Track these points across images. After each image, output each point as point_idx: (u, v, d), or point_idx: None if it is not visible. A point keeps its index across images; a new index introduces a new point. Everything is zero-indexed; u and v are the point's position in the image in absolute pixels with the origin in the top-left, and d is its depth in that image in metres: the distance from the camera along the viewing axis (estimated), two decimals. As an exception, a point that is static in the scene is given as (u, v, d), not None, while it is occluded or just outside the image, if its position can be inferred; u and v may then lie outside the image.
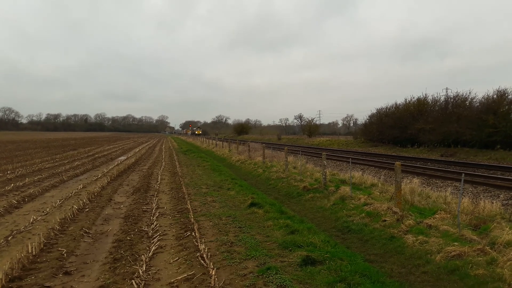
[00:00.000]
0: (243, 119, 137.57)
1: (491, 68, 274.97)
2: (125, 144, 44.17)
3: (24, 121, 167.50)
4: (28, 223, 6.74)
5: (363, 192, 9.13)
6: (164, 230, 6.33)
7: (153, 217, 7.25)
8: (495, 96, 24.85)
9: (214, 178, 13.31)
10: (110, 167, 16.63)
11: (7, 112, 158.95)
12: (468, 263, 4.56)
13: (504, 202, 8.59)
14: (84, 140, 53.69)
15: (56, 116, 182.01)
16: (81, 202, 8.46)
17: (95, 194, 9.69)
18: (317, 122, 72.71)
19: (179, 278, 4.27)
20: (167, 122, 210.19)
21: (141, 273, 4.39)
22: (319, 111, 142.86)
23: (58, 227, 6.35)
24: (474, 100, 27.47)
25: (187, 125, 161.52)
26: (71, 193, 9.89)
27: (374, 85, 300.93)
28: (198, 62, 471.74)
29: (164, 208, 8.18)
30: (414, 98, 33.28)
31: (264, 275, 4.27)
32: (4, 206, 7.95)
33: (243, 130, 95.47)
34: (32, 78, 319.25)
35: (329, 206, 8.57)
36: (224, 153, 26.97)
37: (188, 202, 8.54)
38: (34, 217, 7.17)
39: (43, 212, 7.69)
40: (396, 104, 35.27)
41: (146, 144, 45.10)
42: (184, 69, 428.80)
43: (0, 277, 4.14)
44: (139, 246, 5.50)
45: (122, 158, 22.75)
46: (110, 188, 10.82)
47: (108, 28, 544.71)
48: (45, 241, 5.59)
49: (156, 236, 5.93)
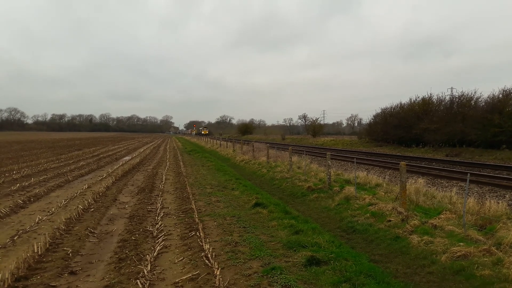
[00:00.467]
0: (247, 119, 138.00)
1: (497, 67, 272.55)
2: (129, 144, 44.37)
3: (30, 121, 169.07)
4: (34, 222, 6.79)
5: (368, 192, 9.09)
6: (169, 230, 6.35)
7: (157, 217, 7.27)
8: (501, 96, 24.64)
9: (219, 178, 13.33)
10: (115, 167, 16.71)
11: (13, 112, 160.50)
12: (474, 264, 4.53)
13: (510, 202, 8.52)
14: (89, 140, 54.01)
15: (61, 116, 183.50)
16: (86, 202, 8.51)
17: (100, 194, 9.74)
18: (321, 122, 72.42)
19: (184, 278, 4.28)
20: (171, 122, 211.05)
21: (146, 273, 4.40)
22: (323, 111, 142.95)
23: (64, 227, 6.40)
24: (480, 100, 27.28)
25: (191, 125, 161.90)
26: (76, 193, 9.95)
27: (378, 84, 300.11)
28: (201, 61, 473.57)
29: (168, 208, 8.21)
30: (419, 97, 33.15)
31: (269, 275, 4.27)
32: (10, 206, 8.01)
33: (247, 130, 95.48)
34: (37, 78, 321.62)
35: (333, 206, 8.55)
36: (228, 153, 27.01)
37: (193, 202, 8.56)
38: (40, 217, 7.22)
39: (49, 212, 7.74)
40: (401, 104, 35.13)
41: (151, 144, 45.27)
42: (188, 68, 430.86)
43: (6, 276, 4.17)
44: (144, 246, 5.52)
45: (127, 158, 22.85)
46: (115, 188, 10.88)
47: (112, 28, 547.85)
48: (50, 240, 5.63)
49: (161, 236, 5.95)
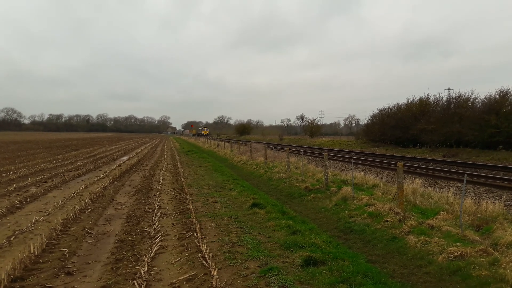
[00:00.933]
0: (245, 119, 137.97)
1: (495, 68, 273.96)
2: (127, 144, 44.25)
3: (27, 121, 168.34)
4: (30, 223, 6.76)
5: (365, 192, 9.11)
6: (166, 231, 6.34)
7: (155, 217, 7.25)
8: (498, 96, 24.76)
9: (216, 178, 13.32)
10: (112, 168, 16.66)
11: (10, 112, 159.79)
12: (471, 264, 4.54)
13: (506, 202, 8.56)
14: (86, 141, 53.82)
15: (58, 117, 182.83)
16: (83, 203, 8.47)
17: (97, 194, 9.71)
18: (319, 123, 72.76)
19: (181, 278, 4.27)
20: (169, 123, 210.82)
21: (143, 273, 4.39)
22: (321, 111, 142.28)
23: (60, 228, 6.37)
24: (476, 101, 27.44)
25: (188, 125, 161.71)
26: (73, 193, 9.91)
27: (377, 84, 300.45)
28: (201, 61, 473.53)
29: (166, 208, 8.19)
30: (416, 98, 33.31)
31: (266, 276, 4.27)
32: (6, 207, 7.97)
33: (245, 130, 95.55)
34: (34, 78, 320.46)
35: (331, 206, 8.56)
36: (226, 153, 26.99)
37: (190, 202, 8.54)
38: (36, 217, 7.18)
39: (45, 212, 7.70)
40: (398, 105, 35.28)
41: (148, 144, 45.17)
42: (187, 68, 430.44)
43: (3, 277, 4.15)
44: (141, 246, 5.51)
45: (124, 158, 22.78)
46: (112, 189, 10.84)
47: (111, 28, 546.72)
48: (47, 241, 5.60)
49: (158, 237, 5.93)
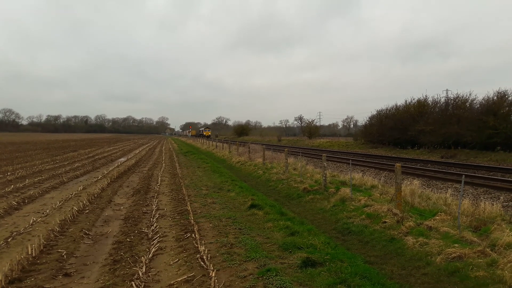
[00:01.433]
0: (243, 120, 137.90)
1: (494, 69, 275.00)
2: (125, 145, 44.17)
3: (25, 122, 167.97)
4: (28, 224, 6.73)
5: (363, 193, 9.12)
6: (164, 232, 6.33)
7: (153, 218, 7.24)
8: (495, 98, 24.88)
9: (214, 179, 13.30)
10: (110, 169, 16.63)
11: (8, 113, 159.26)
12: (469, 265, 4.55)
13: (504, 203, 8.58)
14: (84, 142, 53.71)
15: (57, 118, 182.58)
16: (81, 204, 8.45)
17: (95, 195, 9.68)
18: (317, 124, 72.73)
19: (179, 279, 4.26)
20: (167, 124, 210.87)
21: (141, 274, 4.38)
22: (319, 112, 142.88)
23: (58, 229, 6.35)
24: (474, 102, 27.55)
25: (187, 126, 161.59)
26: (71, 194, 9.88)
27: (376, 86, 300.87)
28: (199, 62, 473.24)
29: (164, 209, 8.17)
30: (414, 99, 33.41)
31: (264, 277, 4.27)
32: (4, 208, 7.94)
33: (243, 131, 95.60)
34: (32, 79, 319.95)
35: (329, 207, 8.56)
36: (224, 154, 26.97)
37: (188, 203, 8.53)
38: (34, 218, 7.16)
39: (43, 213, 7.68)
40: (396, 106, 35.39)
41: (147, 145, 45.10)
42: (186, 70, 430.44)
43: (0, 278, 4.13)
44: (139, 247, 5.50)
45: (122, 159, 22.75)
46: (110, 190, 10.81)
47: (110, 29, 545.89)
48: (45, 242, 5.59)
49: (156, 238, 5.92)
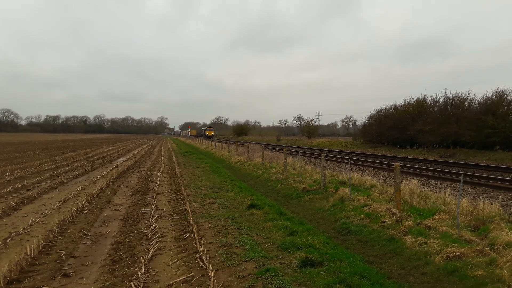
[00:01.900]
0: (242, 120, 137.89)
1: (494, 69, 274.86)
2: (124, 145, 44.13)
3: (23, 122, 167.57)
4: (27, 225, 6.72)
5: (362, 193, 9.12)
6: (163, 232, 6.32)
7: (152, 218, 7.23)
8: (494, 97, 24.90)
9: (213, 179, 13.30)
10: (109, 169, 16.61)
11: (6, 113, 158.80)
12: (468, 264, 4.56)
13: (503, 203, 8.60)
14: (83, 142, 53.65)
15: (55, 118, 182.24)
16: (80, 204, 8.44)
17: (94, 196, 9.67)
18: (316, 123, 72.65)
19: (178, 280, 4.26)
20: (166, 124, 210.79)
21: (140, 275, 4.38)
22: (318, 112, 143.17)
23: (57, 229, 6.34)
24: (473, 101, 27.56)
25: (186, 126, 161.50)
26: (70, 195, 9.87)
27: (375, 86, 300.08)
28: (199, 62, 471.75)
29: (163, 209, 8.17)
30: (413, 99, 33.40)
31: (263, 277, 4.27)
32: (2, 208, 7.93)
33: (242, 131, 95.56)
34: (32, 79, 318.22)
35: (328, 207, 8.56)
36: (223, 154, 26.96)
37: (187, 203, 8.53)
38: (33, 219, 7.15)
39: (42, 214, 7.67)
40: (395, 105, 35.37)
41: (145, 145, 45.06)
42: (185, 70, 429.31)
43: (-2, 279, 4.13)
44: (138, 248, 5.49)
45: (121, 159, 22.73)
46: (109, 190, 10.80)
47: (110, 29, 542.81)
48: (43, 243, 5.58)
49: (155, 238, 5.92)
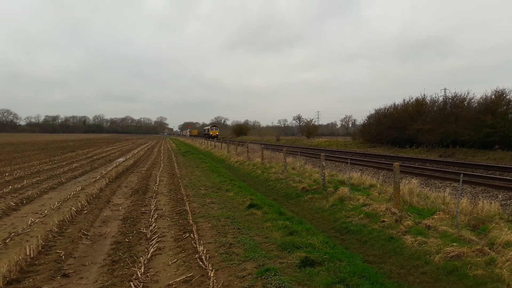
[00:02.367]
0: (242, 120, 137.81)
1: (493, 68, 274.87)
2: (123, 145, 44.11)
3: (23, 123, 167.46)
4: (26, 225, 6.72)
5: (362, 193, 9.12)
6: (163, 232, 6.32)
7: (151, 218, 7.23)
8: (493, 97, 24.92)
9: (213, 179, 13.30)
10: (109, 169, 16.60)
11: (5, 114, 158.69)
12: (467, 264, 4.56)
13: (502, 202, 8.60)
14: (83, 142, 53.62)
15: (55, 118, 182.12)
16: (79, 204, 8.43)
17: (94, 196, 9.67)
18: (315, 123, 72.64)
19: (178, 280, 4.26)
20: (165, 124, 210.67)
21: (139, 275, 4.37)
22: (318, 112, 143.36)
23: (56, 229, 6.34)
24: (472, 101, 27.58)
25: (185, 126, 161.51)
26: (70, 195, 9.86)
27: (375, 85, 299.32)
28: (198, 62, 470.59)
29: (162, 209, 8.16)
30: (412, 98, 33.46)
31: (263, 277, 4.26)
32: (2, 209, 7.92)
33: (242, 131, 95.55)
34: (31, 79, 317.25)
35: (328, 207, 8.57)
36: (222, 154, 26.96)
37: (187, 203, 8.52)
38: (32, 219, 7.14)
39: (41, 214, 7.66)
40: (394, 105, 35.43)
41: (145, 145, 45.04)
42: (185, 69, 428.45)
43: (-2, 279, 4.12)
44: (137, 248, 5.49)
45: (121, 159, 22.71)
46: (109, 190, 10.80)
47: (109, 29, 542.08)
48: (43, 243, 5.57)
49: (155, 238, 5.92)
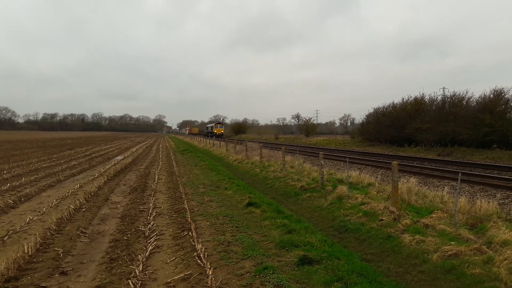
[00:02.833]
0: (240, 118, 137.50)
1: (493, 68, 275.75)
2: (122, 143, 44.04)
3: (21, 120, 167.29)
4: (24, 223, 6.70)
5: (360, 191, 9.14)
6: (161, 230, 6.32)
7: (150, 216, 7.22)
8: (492, 96, 24.94)
9: (212, 177, 13.29)
10: (107, 167, 16.57)
11: (4, 111, 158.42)
12: (465, 263, 4.57)
13: (500, 201, 8.63)
14: (81, 140, 53.49)
15: (53, 116, 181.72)
16: (77, 202, 8.42)
17: (92, 193, 9.65)
18: (314, 122, 72.77)
19: (176, 278, 4.26)
20: (164, 122, 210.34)
21: (137, 273, 4.37)
22: (317, 110, 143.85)
23: (55, 227, 6.32)
24: (471, 100, 27.61)
25: (184, 124, 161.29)
26: (68, 192, 9.84)
27: (374, 84, 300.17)
28: (197, 61, 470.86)
29: (161, 207, 8.16)
30: (411, 97, 33.48)
31: (261, 275, 4.27)
32: (0, 206, 7.90)
33: (241, 129, 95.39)
34: (29, 77, 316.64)
35: (326, 205, 8.58)
36: (221, 152, 26.95)
37: (185, 201, 8.52)
38: (31, 217, 7.13)
39: (40, 212, 7.65)
40: (393, 104, 35.46)
41: (144, 143, 44.99)
42: (184, 68, 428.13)
43: (-4, 277, 4.11)
44: (136, 246, 5.49)
45: (119, 157, 22.67)
46: (107, 188, 10.78)
47: (108, 27, 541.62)
48: (41, 241, 5.56)
49: (153, 236, 5.91)
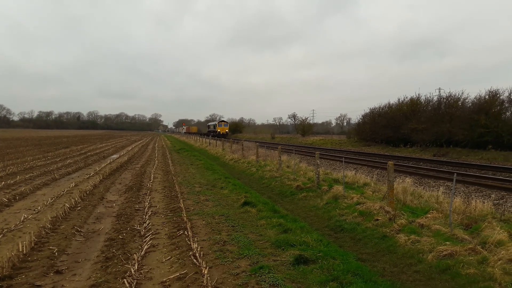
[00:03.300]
0: (237, 118, 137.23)
1: (491, 68, 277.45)
2: (117, 142, 43.86)
3: (16, 118, 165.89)
4: (19, 221, 6.66)
5: (356, 191, 9.17)
6: (157, 229, 6.30)
7: (145, 215, 7.20)
8: (487, 97, 25.11)
9: (207, 177, 13.27)
10: (103, 165, 16.50)
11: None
12: (460, 263, 4.60)
13: (495, 201, 8.70)
14: (77, 138, 53.20)
15: (48, 114, 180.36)
16: (73, 201, 8.38)
17: (87, 192, 9.60)
18: (310, 122, 72.91)
19: (171, 277, 4.25)
20: (160, 121, 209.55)
21: (133, 272, 4.36)
22: (313, 110, 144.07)
23: (50, 226, 6.29)
24: (467, 101, 27.76)
25: (180, 123, 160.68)
26: (63, 191, 9.78)
27: (372, 84, 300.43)
28: (195, 60, 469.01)
29: (156, 206, 8.14)
30: (407, 98, 33.58)
31: (257, 274, 4.27)
32: (-6, 204, 7.84)
33: (237, 128, 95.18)
34: (25, 75, 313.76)
35: (322, 205, 8.59)
36: (217, 151, 26.92)
37: (181, 201, 8.50)
38: (25, 215, 7.08)
39: (35, 210, 7.60)
40: (389, 104, 35.55)
41: (139, 142, 44.82)
42: (181, 67, 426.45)
43: (-11, 276, 4.08)
44: (131, 245, 5.47)
45: (115, 156, 22.58)
46: (103, 187, 10.73)
47: (105, 25, 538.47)
48: (36, 239, 5.53)
49: (149, 235, 5.90)
